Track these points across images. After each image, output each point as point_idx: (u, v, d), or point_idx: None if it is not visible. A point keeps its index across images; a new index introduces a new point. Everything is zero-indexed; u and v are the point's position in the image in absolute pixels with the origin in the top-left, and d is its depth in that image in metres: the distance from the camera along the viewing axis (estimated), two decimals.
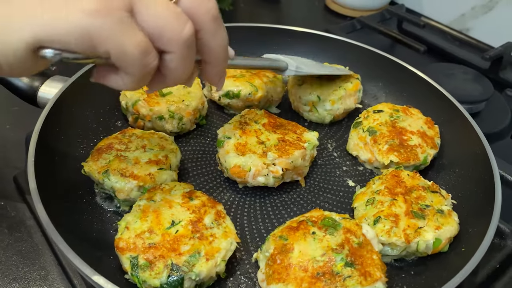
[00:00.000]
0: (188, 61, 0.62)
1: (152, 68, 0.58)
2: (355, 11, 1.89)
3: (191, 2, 0.61)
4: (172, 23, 0.57)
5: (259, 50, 1.32)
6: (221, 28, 0.65)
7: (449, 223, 0.84)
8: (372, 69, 1.27)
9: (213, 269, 0.73)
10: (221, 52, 0.68)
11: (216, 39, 0.65)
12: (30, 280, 0.88)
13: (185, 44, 0.59)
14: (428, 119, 1.08)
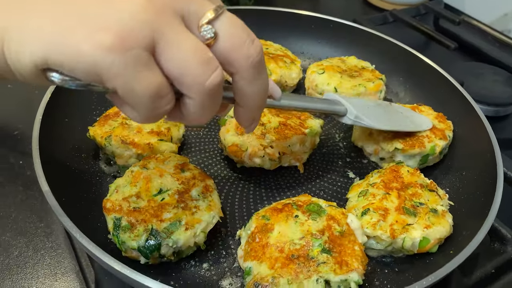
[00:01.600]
0: (208, 109, 0.55)
1: (164, 111, 0.53)
2: (394, 5, 1.84)
3: (230, 45, 0.53)
4: (197, 70, 0.50)
5: (281, 35, 1.33)
6: (260, 76, 0.58)
7: (440, 224, 0.82)
8: (394, 63, 1.24)
9: (191, 239, 0.75)
10: (256, 100, 0.61)
11: (253, 86, 0.58)
12: (35, 235, 0.94)
13: (207, 93, 0.52)
14: (440, 114, 1.05)
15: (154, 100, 0.50)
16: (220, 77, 0.52)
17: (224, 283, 0.78)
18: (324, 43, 1.34)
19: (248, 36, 0.54)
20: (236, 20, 0.54)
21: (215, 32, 0.52)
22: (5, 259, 0.90)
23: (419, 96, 1.18)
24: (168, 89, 0.51)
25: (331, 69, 1.15)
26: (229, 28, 0.53)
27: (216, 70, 0.51)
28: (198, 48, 0.50)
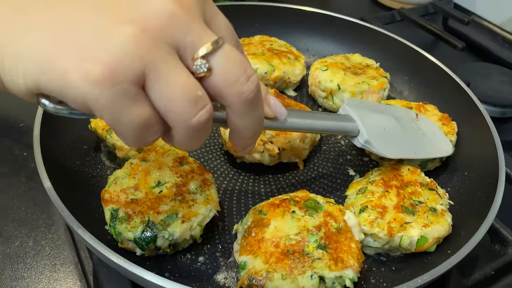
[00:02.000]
0: (195, 140, 0.54)
1: (152, 140, 0.52)
2: (403, 4, 1.83)
3: (223, 82, 0.51)
4: (183, 107, 0.49)
5: (287, 31, 1.32)
6: (253, 110, 0.56)
7: (439, 223, 0.81)
8: (399, 61, 1.23)
9: (187, 231, 0.76)
10: (249, 132, 0.59)
11: (244, 120, 0.56)
12: (36, 226, 0.95)
13: (192, 129, 0.51)
14: (445, 116, 1.04)
15: (141, 131, 0.49)
16: (208, 114, 0.51)
17: (219, 277, 0.78)
18: (329, 40, 1.33)
19: (244, 73, 0.52)
20: (234, 55, 0.52)
21: (209, 67, 0.50)
22: (6, 249, 0.91)
23: (423, 95, 1.17)
24: (155, 121, 0.50)
25: (335, 66, 1.14)
26: (225, 64, 0.51)
27: (204, 108, 0.50)
28: (188, 85, 0.49)
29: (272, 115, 0.66)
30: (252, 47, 1.19)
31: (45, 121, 0.87)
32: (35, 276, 0.87)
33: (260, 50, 1.18)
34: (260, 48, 1.19)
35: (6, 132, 1.14)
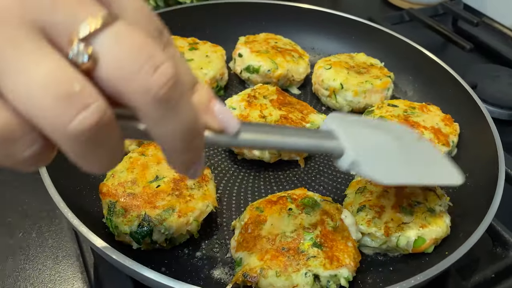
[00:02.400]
0: (93, 158, 0.39)
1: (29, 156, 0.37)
2: (413, 5, 1.81)
3: (115, 73, 0.36)
4: (49, 108, 0.34)
5: (293, 30, 1.32)
6: (171, 115, 0.39)
7: (437, 224, 0.80)
8: (404, 61, 1.22)
9: (184, 226, 0.76)
10: (173, 144, 0.42)
11: (161, 128, 0.40)
12: (40, 218, 0.96)
13: (75, 140, 0.36)
14: (447, 117, 1.03)
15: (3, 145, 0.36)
16: (96, 116, 0.35)
17: (216, 273, 0.79)
18: (335, 39, 1.33)
19: (148, 60, 0.36)
20: (130, 36, 0.37)
21: (93, 53, 0.35)
22: (9, 239, 0.92)
23: (427, 95, 1.17)
24: (21, 131, 0.36)
25: (338, 65, 1.14)
26: (115, 48, 0.36)
27: (88, 108, 0.35)
28: (55, 76, 0.34)
29: (217, 128, 0.47)
30: (256, 45, 1.19)
31: None
32: (37, 268, 0.88)
33: (264, 47, 1.18)
34: (265, 45, 1.19)
35: None
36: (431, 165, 0.76)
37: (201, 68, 1.09)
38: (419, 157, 0.75)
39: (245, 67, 1.15)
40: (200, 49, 1.16)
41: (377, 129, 0.72)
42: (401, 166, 0.69)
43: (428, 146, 0.79)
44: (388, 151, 0.68)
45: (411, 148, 0.74)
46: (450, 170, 0.78)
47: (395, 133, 0.73)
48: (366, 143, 0.66)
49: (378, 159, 0.66)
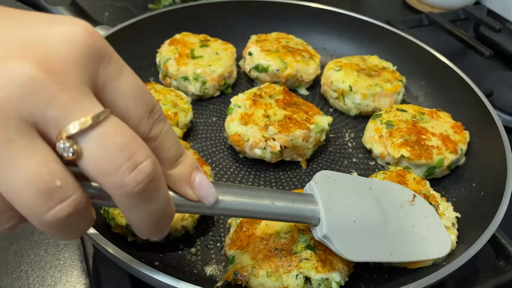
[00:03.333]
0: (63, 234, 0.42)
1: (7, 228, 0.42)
2: (433, 8, 1.78)
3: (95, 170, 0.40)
4: (30, 200, 0.38)
5: (306, 30, 1.32)
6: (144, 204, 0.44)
7: None
8: (417, 66, 1.20)
9: (179, 221, 0.76)
10: (143, 226, 0.47)
11: (133, 214, 0.45)
12: None
13: (49, 226, 0.40)
14: (457, 124, 1.00)
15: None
16: (69, 210, 0.39)
17: (208, 269, 0.79)
18: (348, 41, 1.32)
19: (127, 161, 0.40)
20: (115, 135, 0.40)
21: (77, 150, 0.39)
22: None
23: (439, 101, 1.14)
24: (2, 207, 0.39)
25: (349, 67, 1.12)
26: (98, 148, 0.40)
27: (64, 202, 0.39)
28: (38, 173, 0.37)
29: (196, 199, 0.52)
30: (267, 44, 1.18)
31: None
32: (39, 254, 0.90)
33: (274, 47, 1.17)
34: (275, 45, 1.18)
35: None
36: (415, 236, 0.72)
37: (210, 65, 1.10)
38: (402, 228, 0.71)
39: (254, 66, 1.15)
40: (210, 46, 1.16)
41: (362, 196, 0.69)
42: (375, 242, 0.67)
43: (421, 207, 0.77)
44: (364, 226, 0.66)
45: (394, 217, 0.71)
46: (438, 237, 0.75)
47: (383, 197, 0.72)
48: (343, 215, 0.64)
49: (351, 234, 0.64)
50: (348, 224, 0.64)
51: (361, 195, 0.70)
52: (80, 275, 0.87)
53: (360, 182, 0.75)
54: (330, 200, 0.63)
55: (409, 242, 0.71)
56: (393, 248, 0.69)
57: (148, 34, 1.19)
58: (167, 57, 1.10)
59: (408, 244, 0.71)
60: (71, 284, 0.86)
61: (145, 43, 1.19)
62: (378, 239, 0.67)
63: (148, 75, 1.19)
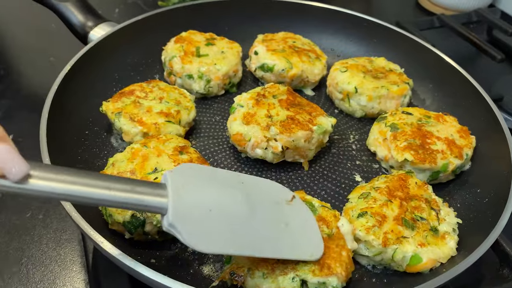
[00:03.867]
0: None
1: None
2: (447, 10, 1.75)
3: None
4: None
5: (314, 30, 1.31)
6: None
7: (437, 245, 0.77)
8: (426, 69, 1.18)
9: None
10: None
11: None
12: (48, 201, 0.98)
13: None
14: (464, 129, 0.98)
15: None
16: None
17: (205, 269, 0.78)
18: (356, 42, 1.30)
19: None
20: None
21: None
22: (17, 219, 0.95)
23: (446, 105, 1.12)
24: None
25: (355, 68, 1.11)
26: None
27: None
28: None
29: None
30: (273, 43, 1.17)
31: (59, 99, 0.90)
32: (40, 248, 0.91)
33: (281, 46, 1.16)
34: (282, 44, 1.17)
35: (32, 107, 1.18)
36: (285, 234, 0.69)
37: (215, 63, 1.09)
38: (271, 223, 0.69)
39: (259, 65, 1.14)
40: (216, 44, 1.16)
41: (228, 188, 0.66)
42: (236, 234, 0.64)
43: (297, 209, 0.74)
44: (224, 216, 0.63)
45: (264, 211, 0.69)
46: (310, 239, 0.72)
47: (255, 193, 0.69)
48: (197, 204, 0.61)
49: (204, 224, 0.61)
50: (202, 213, 0.61)
51: (226, 187, 0.66)
52: (80, 270, 0.88)
53: (229, 175, 0.71)
54: (184, 189, 0.60)
55: (280, 239, 0.69)
56: (260, 242, 0.66)
57: (155, 32, 1.19)
58: (172, 55, 1.10)
59: (278, 241, 0.68)
60: (71, 279, 0.86)
61: (152, 41, 1.19)
62: (240, 231, 0.64)
63: (153, 72, 1.19)
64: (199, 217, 0.60)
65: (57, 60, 1.36)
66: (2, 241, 0.91)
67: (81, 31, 1.10)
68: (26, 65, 1.37)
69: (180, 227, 0.58)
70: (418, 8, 1.88)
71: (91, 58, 1.02)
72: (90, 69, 1.03)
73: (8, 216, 0.95)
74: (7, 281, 0.85)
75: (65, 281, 0.86)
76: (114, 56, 1.11)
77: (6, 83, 1.28)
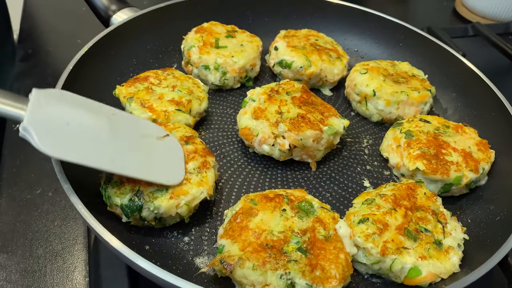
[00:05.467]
0: None
1: None
2: (485, 20, 1.68)
3: None
4: None
5: (339, 29, 1.29)
6: None
7: (439, 259, 0.74)
8: (451, 77, 1.14)
9: (173, 208, 0.76)
10: None
11: None
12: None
13: None
14: (483, 142, 0.94)
15: None
16: None
17: (198, 260, 0.78)
18: (381, 44, 1.27)
19: None
20: None
21: None
22: (28, 194, 0.97)
23: (468, 116, 1.07)
24: None
25: (375, 71, 1.08)
26: None
27: None
28: None
29: None
30: (295, 40, 1.16)
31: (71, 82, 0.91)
32: (46, 224, 0.92)
33: (302, 43, 1.14)
34: (303, 41, 1.15)
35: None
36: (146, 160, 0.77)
37: (232, 56, 1.08)
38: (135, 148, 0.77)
39: (278, 61, 1.13)
40: (237, 37, 1.15)
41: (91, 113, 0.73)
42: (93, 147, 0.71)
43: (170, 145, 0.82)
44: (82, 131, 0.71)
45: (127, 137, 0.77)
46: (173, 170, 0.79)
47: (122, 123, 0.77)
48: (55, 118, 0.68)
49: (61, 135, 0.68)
50: (59, 125, 0.68)
51: (92, 112, 0.74)
52: (81, 250, 0.89)
53: (102, 106, 0.78)
54: (46, 103, 0.68)
55: (140, 163, 0.76)
56: (119, 162, 0.73)
57: (178, 20, 1.20)
58: (191, 45, 1.10)
59: (138, 164, 0.75)
60: (71, 257, 0.87)
61: (174, 29, 1.19)
62: (99, 148, 0.72)
63: (172, 61, 1.20)
64: (57, 127, 0.68)
65: (84, 42, 1.37)
66: (11, 213, 0.93)
67: (104, 14, 1.11)
68: (53, 45, 1.40)
69: (33, 132, 0.65)
70: (455, 15, 1.82)
71: (110, 41, 1.03)
72: (108, 52, 1.04)
73: (20, 191, 0.97)
74: (11, 252, 0.87)
75: (65, 259, 0.87)
76: (134, 42, 1.11)
77: (32, 62, 1.31)
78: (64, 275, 0.85)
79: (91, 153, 0.70)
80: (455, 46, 1.32)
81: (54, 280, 0.84)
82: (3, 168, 1.01)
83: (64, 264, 0.86)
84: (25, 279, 0.84)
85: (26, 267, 0.86)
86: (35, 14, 1.55)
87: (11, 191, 0.97)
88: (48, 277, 0.84)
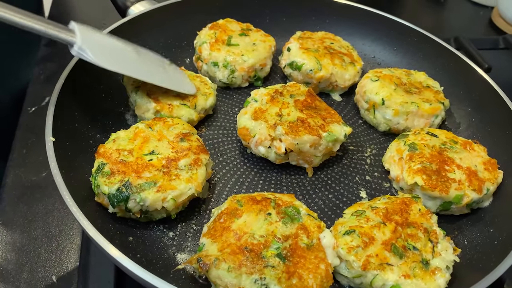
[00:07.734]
0: None
1: None
2: None
3: None
4: None
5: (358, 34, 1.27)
6: None
7: (424, 280, 0.71)
8: (468, 91, 1.09)
9: (159, 202, 0.76)
10: None
11: None
12: None
13: None
14: (491, 161, 0.89)
15: None
16: None
17: (180, 256, 0.78)
18: (400, 52, 1.23)
19: None
20: None
21: None
22: (33, 176, 1.00)
23: (481, 133, 1.02)
24: None
25: (388, 79, 1.05)
26: None
27: None
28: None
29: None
30: (309, 42, 1.14)
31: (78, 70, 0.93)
32: (47, 207, 0.95)
33: (315, 46, 1.12)
34: (317, 44, 1.13)
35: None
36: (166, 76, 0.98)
37: (242, 54, 1.08)
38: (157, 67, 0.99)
39: (289, 62, 1.11)
40: (250, 36, 1.14)
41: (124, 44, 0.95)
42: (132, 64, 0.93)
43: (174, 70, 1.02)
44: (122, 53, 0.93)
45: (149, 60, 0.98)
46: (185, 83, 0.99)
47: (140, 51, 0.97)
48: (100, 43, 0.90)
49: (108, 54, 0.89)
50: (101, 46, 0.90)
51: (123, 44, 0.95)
52: (77, 234, 0.91)
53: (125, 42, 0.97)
54: (88, 32, 0.88)
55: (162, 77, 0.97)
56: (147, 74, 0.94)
57: (194, 15, 1.20)
58: (203, 41, 1.11)
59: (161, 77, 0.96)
60: (66, 241, 0.89)
61: (190, 24, 1.20)
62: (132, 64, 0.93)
63: (184, 55, 1.20)
64: (100, 48, 0.89)
65: None
66: (15, 194, 0.97)
67: (121, 5, 1.13)
68: None
69: (88, 50, 0.84)
70: (490, 26, 1.74)
71: (124, 32, 1.04)
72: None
73: (26, 172, 1.01)
74: (10, 229, 0.90)
75: (60, 242, 0.89)
76: (148, 34, 1.13)
77: (55, 47, 1.35)
78: (56, 257, 0.87)
79: (128, 66, 0.92)
80: (481, 58, 1.26)
81: (46, 261, 0.86)
82: (14, 149, 1.05)
83: (58, 247, 0.89)
84: (20, 258, 0.86)
85: (22, 246, 0.89)
86: (66, 1, 1.60)
87: (18, 171, 1.00)
88: (42, 258, 0.87)
